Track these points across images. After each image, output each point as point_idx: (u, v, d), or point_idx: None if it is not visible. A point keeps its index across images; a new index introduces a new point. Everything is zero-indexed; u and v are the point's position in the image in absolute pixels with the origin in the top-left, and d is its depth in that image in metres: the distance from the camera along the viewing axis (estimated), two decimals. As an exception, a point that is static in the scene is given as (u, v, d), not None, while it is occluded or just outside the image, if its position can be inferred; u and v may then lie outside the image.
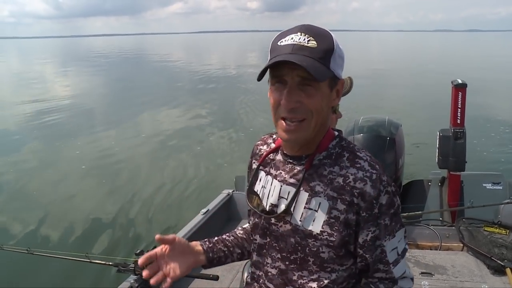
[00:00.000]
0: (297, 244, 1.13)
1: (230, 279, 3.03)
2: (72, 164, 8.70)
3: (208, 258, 1.29)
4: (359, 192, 1.07)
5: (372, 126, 3.98)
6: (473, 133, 8.23)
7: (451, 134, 3.92)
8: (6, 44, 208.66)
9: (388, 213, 1.09)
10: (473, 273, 2.98)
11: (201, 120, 12.83)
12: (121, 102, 17.34)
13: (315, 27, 1.07)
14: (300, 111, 1.05)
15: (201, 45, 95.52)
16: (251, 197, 1.25)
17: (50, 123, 12.95)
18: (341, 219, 1.08)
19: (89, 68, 36.08)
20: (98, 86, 23.53)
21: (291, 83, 1.04)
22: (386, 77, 23.76)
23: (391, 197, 1.09)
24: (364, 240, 1.10)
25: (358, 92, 14.89)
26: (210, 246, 1.31)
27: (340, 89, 1.12)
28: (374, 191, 1.06)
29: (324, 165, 1.13)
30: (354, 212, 1.08)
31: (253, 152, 1.35)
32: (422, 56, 45.33)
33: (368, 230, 1.09)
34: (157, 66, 37.02)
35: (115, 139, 10.81)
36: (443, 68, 25.69)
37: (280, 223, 1.16)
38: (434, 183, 4.33)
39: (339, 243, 1.09)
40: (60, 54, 75.52)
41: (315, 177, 1.12)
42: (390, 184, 1.10)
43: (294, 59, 0.99)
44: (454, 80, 3.97)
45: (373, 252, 1.11)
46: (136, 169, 8.34)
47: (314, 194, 1.11)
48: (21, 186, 7.55)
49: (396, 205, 1.11)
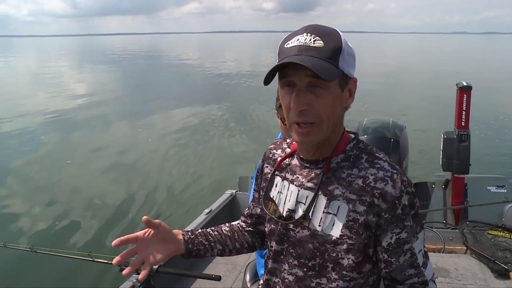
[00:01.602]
0: (316, 249, 1.10)
1: (233, 279, 3.03)
2: (76, 163, 8.74)
3: (187, 249, 1.25)
4: (380, 192, 1.03)
5: (377, 127, 3.97)
6: (478, 135, 8.20)
7: (455, 137, 3.91)
8: (24, 42, 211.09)
9: (411, 214, 1.05)
10: (477, 276, 2.96)
11: (208, 120, 12.85)
12: (132, 100, 17.39)
13: (322, 27, 1.04)
14: (310, 114, 1.02)
15: (216, 45, 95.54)
16: (267, 203, 1.22)
17: (57, 120, 13.05)
18: (360, 221, 1.05)
19: (105, 66, 36.65)
20: (112, 84, 23.80)
21: (299, 85, 1.01)
22: (399, 79, 23.68)
23: (412, 198, 1.05)
24: (388, 243, 1.05)
25: (369, 93, 15.02)
26: (192, 237, 1.27)
27: (353, 88, 1.08)
28: (395, 191, 1.03)
29: (342, 168, 1.10)
30: (375, 213, 1.04)
31: (265, 155, 1.31)
32: (436, 59, 45.18)
33: (392, 232, 1.04)
34: (172, 65, 37.29)
35: (121, 138, 10.85)
36: (456, 70, 25.60)
37: (298, 228, 1.13)
38: (438, 186, 4.31)
39: (359, 246, 1.06)
40: (77, 52, 76.55)
41: (333, 180, 1.09)
42: (411, 185, 1.07)
43: (299, 60, 0.97)
44: (459, 83, 3.96)
45: (400, 256, 1.05)
46: (140, 168, 8.37)
47: (333, 198, 1.08)
48: (27, 183, 7.59)
49: (416, 206, 1.07)
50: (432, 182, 4.39)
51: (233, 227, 1.39)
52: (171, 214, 6.08)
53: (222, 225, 1.39)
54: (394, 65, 34.58)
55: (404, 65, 33.51)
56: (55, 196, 6.95)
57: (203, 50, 75.82)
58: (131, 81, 24.81)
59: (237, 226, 1.40)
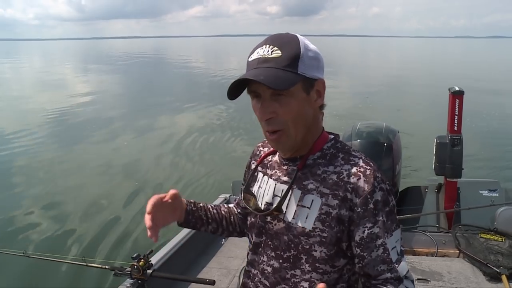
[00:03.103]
0: (290, 241, 1.14)
1: (227, 283, 3.03)
2: (71, 167, 8.70)
3: (186, 218, 1.32)
4: (352, 187, 1.07)
5: (370, 132, 3.99)
6: (470, 140, 8.25)
7: (448, 141, 3.93)
8: (30, 45, 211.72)
9: (384, 210, 1.07)
10: (469, 280, 2.98)
11: (204, 124, 12.82)
12: (134, 105, 17.35)
13: (281, 36, 1.10)
14: (275, 122, 1.08)
15: (220, 48, 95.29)
16: (248, 197, 1.27)
17: (54, 120, 13.03)
18: (333, 215, 1.08)
19: (110, 68, 37.05)
20: (117, 87, 23.94)
21: (263, 95, 1.07)
22: (400, 84, 23.70)
23: (386, 195, 1.08)
24: (361, 237, 1.07)
25: (371, 97, 15.05)
26: (193, 209, 1.34)
27: (321, 89, 1.12)
28: (368, 185, 1.06)
29: (319, 164, 1.14)
30: (348, 208, 1.07)
31: (253, 152, 1.39)
32: (438, 63, 45.43)
33: (364, 226, 1.07)
34: (176, 68, 37.44)
35: (115, 144, 10.80)
36: (460, 74, 25.74)
37: (275, 221, 1.18)
38: (431, 190, 4.34)
39: (331, 239, 1.09)
40: (82, 55, 77.11)
41: (309, 176, 1.13)
42: (385, 182, 1.09)
43: (253, 74, 1.03)
44: (452, 87, 3.99)
45: (373, 251, 1.07)
46: (134, 172, 8.34)
47: (307, 192, 1.12)
48: (19, 187, 7.54)
49: (391, 203, 1.09)
50: (425, 186, 4.42)
51: (230, 209, 1.46)
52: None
53: (221, 205, 1.47)
54: (397, 69, 34.64)
55: (405, 70, 33.53)
56: (50, 200, 6.91)
57: (207, 54, 76.08)
58: (131, 85, 24.92)
59: (234, 209, 1.47)
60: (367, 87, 21.12)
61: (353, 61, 49.34)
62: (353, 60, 51.68)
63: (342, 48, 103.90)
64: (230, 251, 3.51)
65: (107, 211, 6.38)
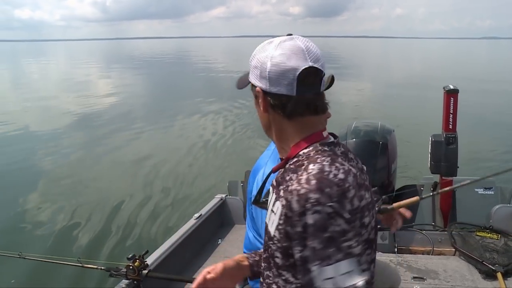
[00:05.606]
0: (265, 243, 1.16)
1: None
2: (68, 168, 8.68)
3: (252, 271, 1.37)
4: (289, 204, 1.00)
5: (365, 131, 4.00)
6: (465, 138, 8.26)
7: (443, 139, 3.94)
8: (56, 46, 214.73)
9: (320, 236, 0.95)
10: (465, 278, 3.00)
11: (205, 125, 12.75)
12: (145, 107, 17.19)
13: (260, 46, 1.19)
14: None
15: (242, 49, 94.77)
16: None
17: (54, 121, 12.95)
18: (284, 228, 1.04)
19: (133, 69, 37.33)
20: (138, 87, 24.04)
21: None
22: (419, 87, 23.47)
23: (326, 220, 0.95)
24: (296, 258, 1.01)
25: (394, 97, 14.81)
26: (256, 260, 1.37)
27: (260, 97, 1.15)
28: (297, 206, 0.98)
29: (289, 170, 1.10)
30: (289, 224, 1.01)
31: None
32: (462, 64, 45.08)
33: (295, 248, 1.00)
34: (198, 69, 37.41)
35: (115, 143, 10.78)
36: (481, 77, 25.66)
37: None
38: (427, 188, 4.35)
39: (284, 252, 1.07)
40: (106, 55, 78.25)
41: (282, 181, 1.10)
42: (326, 205, 0.95)
43: (238, 80, 1.24)
44: (446, 86, 4.00)
45: (304, 275, 0.99)
46: (130, 173, 8.32)
47: (278, 197, 1.07)
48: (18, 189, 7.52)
49: (335, 229, 0.95)
50: (421, 184, 4.42)
51: None
52: (160, 219, 6.04)
53: None
54: (419, 71, 34.14)
55: (428, 71, 33.12)
56: (48, 201, 6.89)
57: (229, 54, 76.24)
58: (154, 85, 24.96)
59: None
60: (388, 88, 20.66)
61: (374, 63, 48.87)
62: (374, 62, 50.99)
63: (363, 50, 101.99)
64: (226, 251, 3.50)
65: (101, 212, 6.35)
